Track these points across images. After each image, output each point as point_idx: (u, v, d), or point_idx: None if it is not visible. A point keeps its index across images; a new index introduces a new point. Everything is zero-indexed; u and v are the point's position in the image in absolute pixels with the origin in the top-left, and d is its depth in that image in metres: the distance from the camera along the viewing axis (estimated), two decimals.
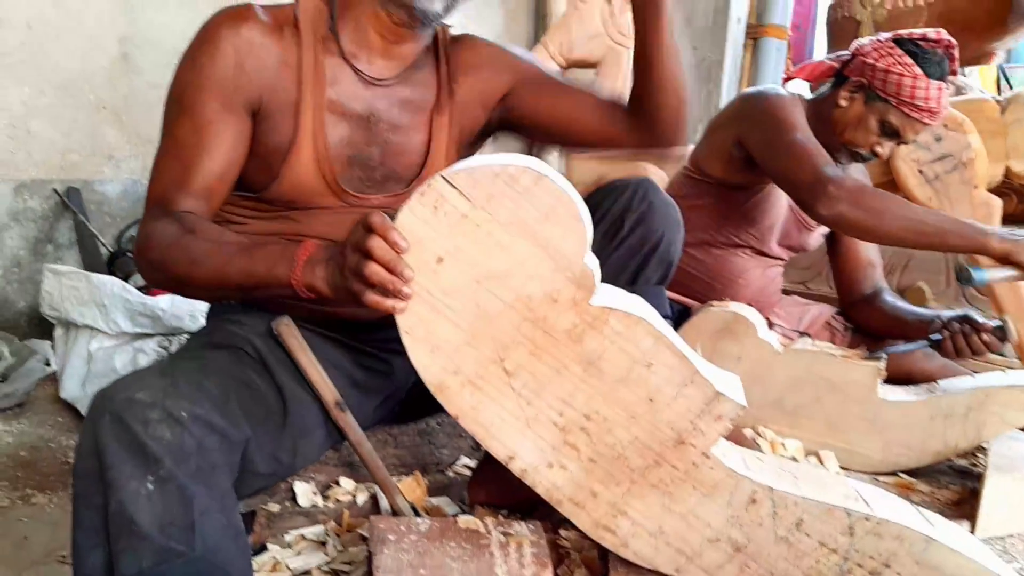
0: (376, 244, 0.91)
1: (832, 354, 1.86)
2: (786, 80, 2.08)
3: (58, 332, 2.01)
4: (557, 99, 1.36)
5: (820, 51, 5.71)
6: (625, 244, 1.33)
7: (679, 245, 1.38)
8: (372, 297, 0.92)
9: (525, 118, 1.39)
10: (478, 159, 0.96)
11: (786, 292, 2.26)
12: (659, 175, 2.76)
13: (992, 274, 1.76)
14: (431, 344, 0.97)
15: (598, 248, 1.33)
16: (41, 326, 2.12)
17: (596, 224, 1.33)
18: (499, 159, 0.95)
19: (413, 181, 1.29)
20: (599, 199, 1.35)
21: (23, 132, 2.18)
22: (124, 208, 2.43)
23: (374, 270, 0.91)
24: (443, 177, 0.92)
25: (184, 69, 1.17)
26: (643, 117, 1.33)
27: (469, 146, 1.40)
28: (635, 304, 1.03)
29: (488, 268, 0.95)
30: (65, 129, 2.27)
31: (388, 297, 0.92)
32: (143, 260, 1.11)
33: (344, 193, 1.23)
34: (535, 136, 1.44)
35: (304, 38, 1.20)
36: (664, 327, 1.02)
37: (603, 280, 1.33)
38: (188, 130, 1.14)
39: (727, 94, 4.11)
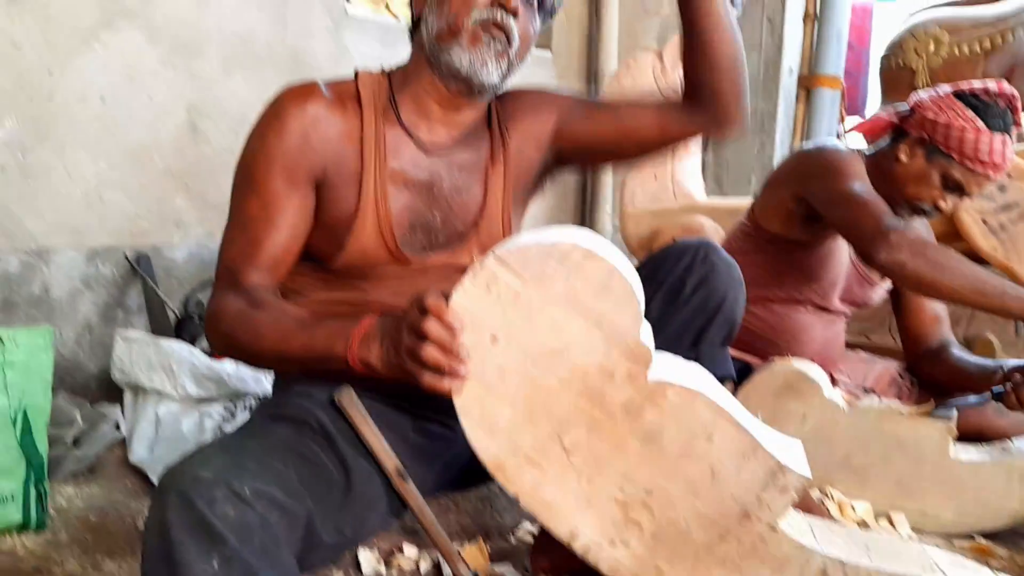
0: (431, 326, 0.93)
1: (900, 412, 1.83)
2: (845, 135, 2.07)
3: (127, 397, 2.06)
4: (607, 116, 1.39)
5: (874, 98, 5.66)
6: (688, 306, 1.33)
7: (741, 305, 1.38)
8: (428, 379, 0.94)
9: (580, 145, 1.41)
10: (528, 235, 0.98)
11: (849, 345, 2.23)
12: (714, 228, 2.75)
13: None
14: (488, 424, 0.98)
15: (660, 310, 1.34)
16: (111, 390, 2.18)
17: (658, 286, 1.34)
18: (549, 235, 0.97)
19: (470, 235, 1.32)
20: (660, 261, 1.37)
21: (96, 201, 2.28)
22: (191, 272, 2.50)
23: (430, 352, 0.93)
24: (495, 256, 0.94)
25: (252, 145, 1.22)
26: (700, 103, 1.34)
27: (527, 191, 1.43)
28: (693, 375, 1.03)
29: (543, 346, 0.96)
30: (135, 197, 2.36)
31: (444, 378, 0.94)
32: (212, 333, 1.17)
33: (406, 260, 1.26)
34: (595, 159, 1.48)
35: (365, 111, 1.25)
36: (724, 397, 1.01)
37: (666, 343, 1.34)
38: (255, 205, 1.20)
39: (780, 145, 4.09)
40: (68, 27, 2.17)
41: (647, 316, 1.34)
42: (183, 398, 1.97)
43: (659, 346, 1.35)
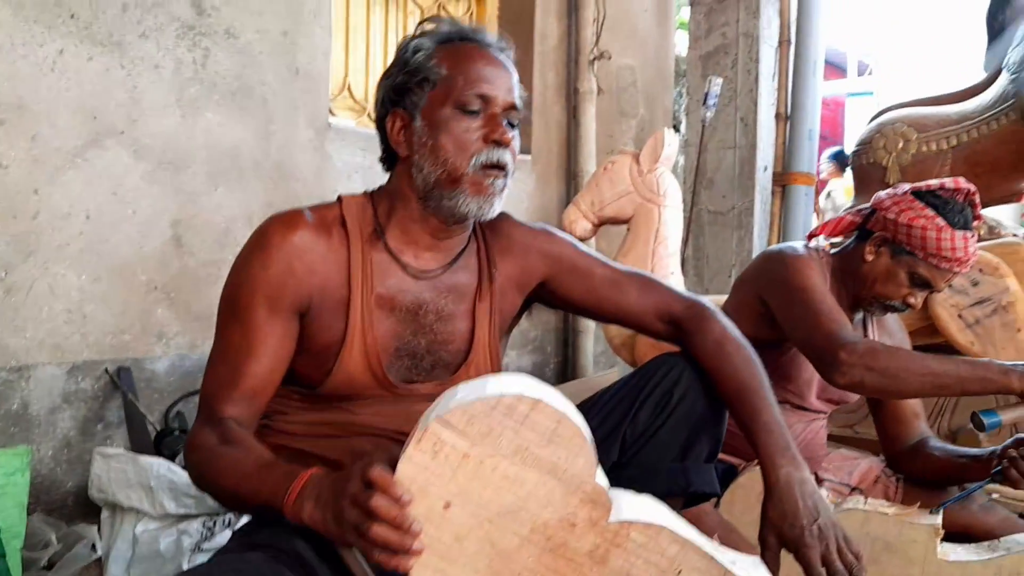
0: (379, 503, 0.89)
1: (885, 512, 1.81)
2: (810, 236, 2.10)
3: (104, 515, 2.03)
4: (596, 285, 1.42)
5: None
6: (672, 419, 1.35)
7: (725, 421, 1.40)
8: (379, 557, 0.90)
9: (561, 301, 1.46)
10: (466, 388, 0.96)
11: (833, 438, 2.21)
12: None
13: (1008, 414, 1.72)
14: None
15: (647, 423, 1.35)
16: (87, 507, 2.14)
17: (646, 398, 1.36)
18: (489, 387, 0.94)
19: (459, 368, 1.33)
20: (647, 374, 1.39)
21: (79, 316, 2.28)
22: (172, 383, 2.49)
23: (379, 532, 0.89)
24: (437, 418, 0.91)
25: (236, 274, 1.24)
26: (685, 343, 1.40)
27: (507, 329, 1.45)
28: (650, 509, 1.01)
29: (499, 504, 0.93)
30: (118, 311, 2.37)
31: (396, 555, 0.90)
32: (188, 463, 1.18)
33: (392, 385, 1.27)
34: (570, 311, 1.50)
35: (352, 237, 1.27)
36: (685, 528, 1.00)
37: (654, 454, 1.34)
38: (237, 334, 1.21)
39: (759, 238, 4.17)
40: (54, 147, 2.22)
41: (635, 426, 1.36)
42: (161, 516, 1.94)
43: (647, 458, 1.36)
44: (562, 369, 3.96)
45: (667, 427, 1.35)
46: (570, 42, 3.91)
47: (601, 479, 0.98)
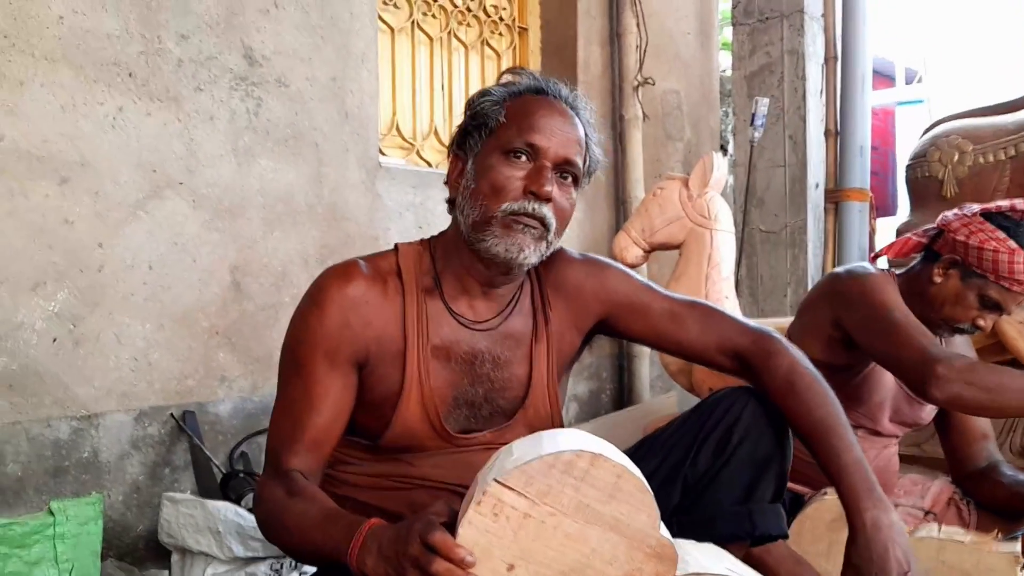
0: (439, 568, 0.89)
1: (961, 541, 1.76)
2: (874, 258, 2.07)
3: (175, 559, 2.07)
4: (655, 327, 1.40)
5: (903, 197, 5.69)
6: (735, 459, 1.33)
7: (790, 458, 1.37)
8: None
9: (621, 335, 1.45)
10: (524, 445, 0.95)
11: (901, 457, 2.16)
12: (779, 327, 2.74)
13: None
14: None
15: (708, 464, 1.33)
16: (158, 550, 2.19)
17: (705, 439, 1.34)
18: (547, 444, 0.93)
19: (517, 412, 1.33)
20: (706, 412, 1.37)
21: (144, 364, 2.34)
22: (235, 426, 2.53)
23: None
24: (496, 480, 0.91)
25: (294, 329, 1.27)
26: (753, 380, 1.38)
27: (568, 366, 1.44)
28: (717, 560, 1.00)
29: (563, 564, 0.92)
30: (182, 357, 2.42)
31: None
32: (257, 517, 1.21)
33: (450, 436, 1.28)
34: (633, 341, 1.48)
35: (407, 287, 1.28)
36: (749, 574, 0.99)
37: (715, 497, 1.32)
38: (298, 388, 1.24)
39: (813, 256, 4.11)
40: (116, 201, 2.29)
41: (696, 467, 1.34)
42: (230, 559, 1.97)
43: (708, 501, 1.34)
44: (618, 395, 3.94)
45: (729, 468, 1.33)
46: (614, 70, 3.92)
47: (664, 532, 0.96)
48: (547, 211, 1.23)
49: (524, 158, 1.24)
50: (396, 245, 1.34)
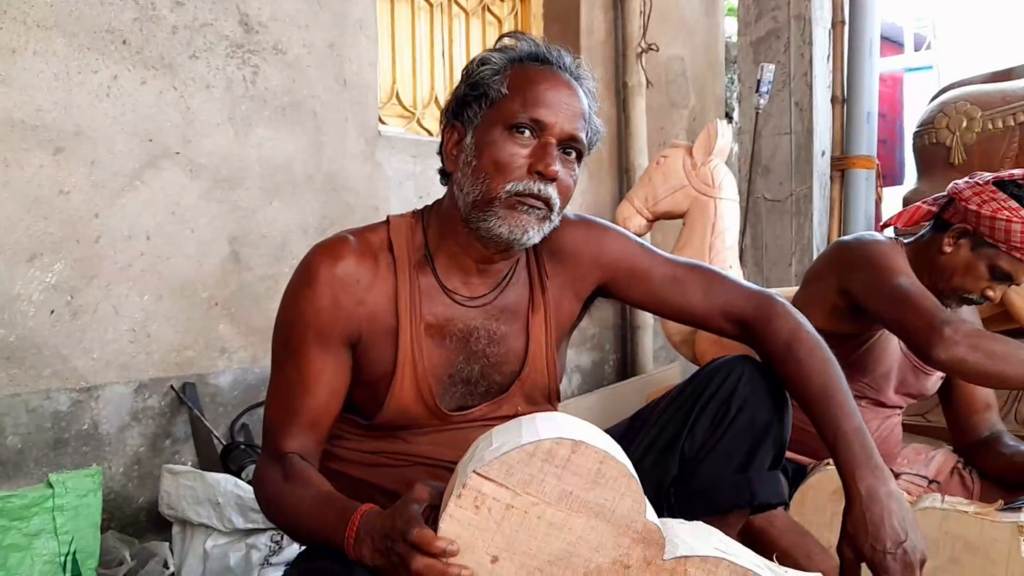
0: (420, 564, 0.90)
1: (965, 511, 1.75)
2: (882, 227, 2.04)
3: (175, 530, 2.07)
4: (656, 292, 1.37)
5: (910, 165, 5.64)
6: (733, 428, 1.30)
7: (789, 425, 1.35)
8: None
9: (621, 301, 1.41)
10: (503, 433, 0.94)
11: (904, 427, 2.16)
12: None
13: None
14: None
15: (707, 433, 1.31)
16: (160, 523, 2.19)
17: (703, 408, 1.32)
18: (527, 431, 0.91)
19: (512, 384, 1.30)
20: (703, 381, 1.34)
21: (143, 336, 2.33)
22: (236, 397, 2.53)
23: None
24: (476, 472, 0.89)
25: (285, 310, 1.24)
26: (756, 345, 1.36)
27: (567, 333, 1.41)
28: (708, 541, 0.98)
29: (548, 553, 0.91)
30: (181, 328, 2.41)
31: None
32: (257, 498, 1.21)
33: (445, 415, 1.25)
34: (633, 306, 1.46)
35: (399, 263, 1.24)
36: (746, 556, 0.97)
37: (714, 466, 1.30)
38: (292, 370, 1.21)
39: (819, 225, 4.07)
40: (112, 171, 2.26)
41: (693, 438, 1.32)
42: (230, 531, 1.96)
43: (707, 471, 1.32)
44: (621, 366, 3.92)
45: (727, 438, 1.30)
46: (617, 36, 3.86)
47: (651, 516, 0.95)
48: (552, 191, 1.19)
49: (528, 134, 1.19)
50: (388, 218, 1.30)
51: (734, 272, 2.95)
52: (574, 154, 1.24)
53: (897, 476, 2.01)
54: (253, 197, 2.56)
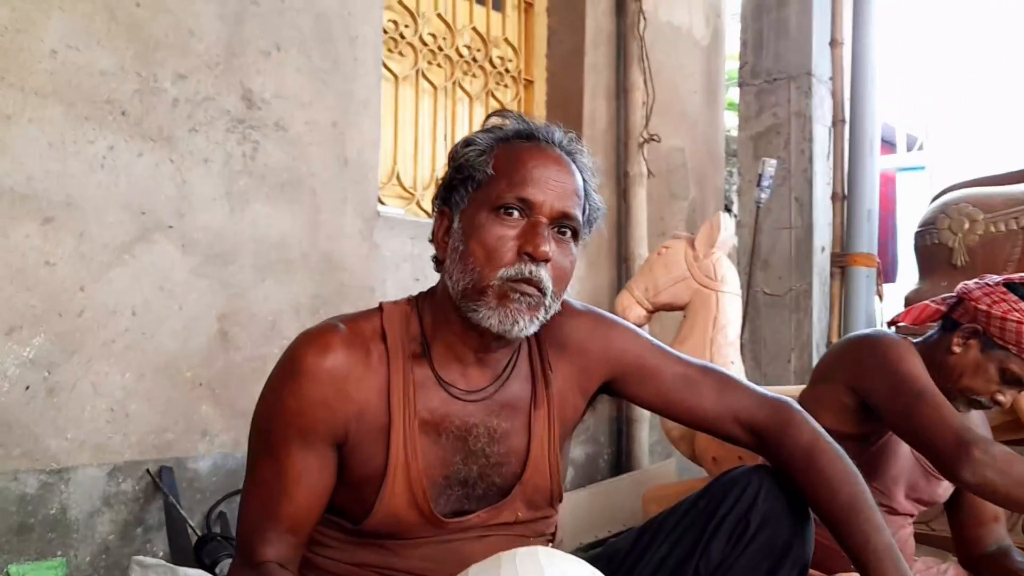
0: None
1: None
2: (891, 324, 1.99)
3: None
4: (667, 393, 1.30)
5: (904, 261, 5.64)
6: (752, 546, 1.22)
7: (812, 544, 1.26)
8: None
9: (628, 399, 1.34)
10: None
11: None
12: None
13: None
14: None
15: (724, 553, 1.22)
16: None
17: (719, 525, 1.23)
18: (505, 570, 0.86)
19: (513, 488, 1.21)
20: (719, 495, 1.26)
21: (121, 416, 2.22)
22: (215, 483, 2.41)
23: None
24: None
25: (267, 403, 1.14)
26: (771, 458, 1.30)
27: (570, 431, 1.32)
28: None
29: None
30: (161, 408, 2.30)
31: None
32: None
33: (440, 522, 1.15)
34: (639, 405, 1.37)
35: (392, 354, 1.15)
36: None
37: None
38: (270, 470, 1.12)
39: (818, 321, 4.03)
40: (102, 243, 2.19)
41: (708, 557, 1.22)
42: None
43: None
44: (616, 460, 3.81)
45: (745, 558, 1.22)
46: (619, 125, 3.87)
47: None
48: (544, 274, 1.12)
49: (517, 214, 1.12)
50: (381, 305, 1.21)
51: (736, 368, 2.88)
52: (569, 233, 1.17)
53: None
54: (245, 275, 2.48)
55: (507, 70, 3.65)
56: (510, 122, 1.20)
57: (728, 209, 5.07)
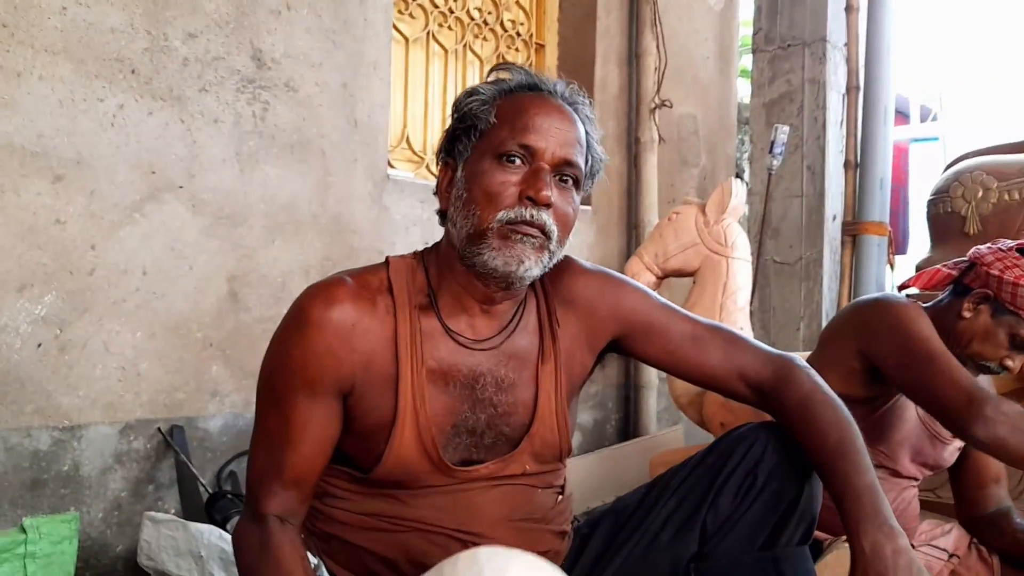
0: None
1: None
2: (901, 288, 1.99)
3: None
4: (675, 351, 1.29)
5: (916, 237, 5.60)
6: (759, 501, 1.22)
7: (819, 498, 1.26)
8: None
9: (636, 357, 1.33)
10: None
11: None
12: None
13: None
14: None
15: (731, 507, 1.22)
16: (137, 573, 2.07)
17: (726, 480, 1.23)
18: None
19: (521, 440, 1.21)
20: (726, 451, 1.26)
21: (133, 375, 2.23)
22: (225, 442, 2.42)
23: None
24: None
25: (273, 355, 1.15)
26: (771, 410, 1.29)
27: (578, 387, 1.32)
28: None
29: None
30: (172, 368, 2.31)
31: None
32: (235, 558, 1.13)
33: (449, 469, 1.16)
34: (647, 363, 1.37)
35: (399, 306, 1.16)
36: None
37: (739, 543, 1.21)
38: (276, 421, 1.13)
39: (828, 290, 4.01)
40: (112, 202, 2.19)
41: (716, 512, 1.23)
42: None
43: (730, 548, 1.24)
44: (623, 426, 3.82)
45: (753, 512, 1.22)
46: (631, 91, 3.84)
47: None
48: (547, 217, 1.12)
49: (519, 161, 1.13)
50: (387, 258, 1.22)
51: (745, 334, 2.88)
52: (571, 181, 1.17)
53: (915, 549, 1.93)
54: (255, 236, 2.48)
55: (518, 34, 3.61)
56: (514, 75, 1.21)
57: (740, 177, 5.03)
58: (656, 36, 3.77)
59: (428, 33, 3.23)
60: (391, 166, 3.00)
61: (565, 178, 1.16)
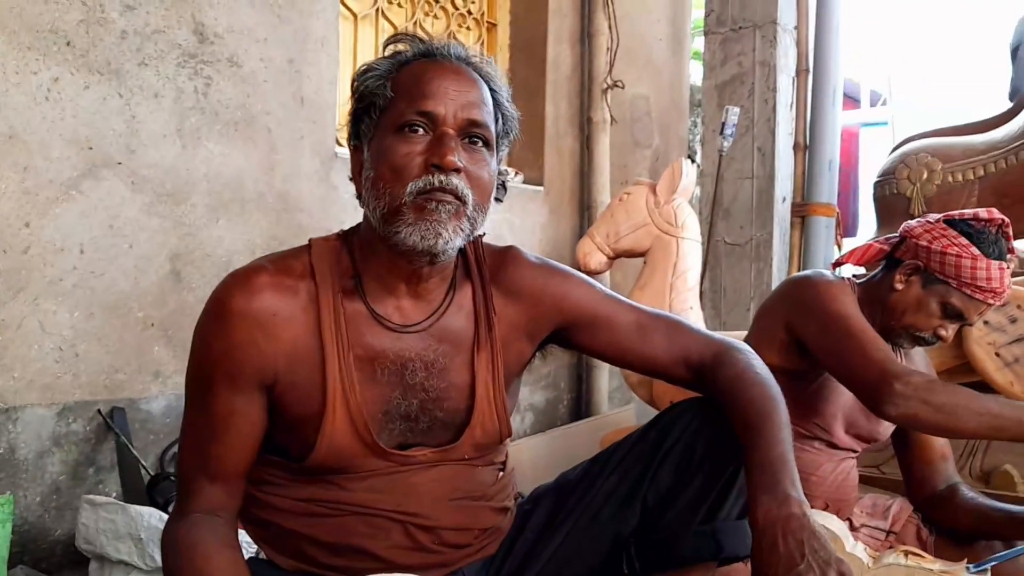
0: None
1: (930, 569, 1.68)
2: (835, 265, 2.02)
3: (93, 567, 1.91)
4: (619, 341, 1.28)
5: (865, 220, 5.71)
6: (699, 476, 1.22)
7: None
8: None
9: (579, 349, 1.33)
10: None
11: (860, 478, 2.10)
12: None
13: None
14: None
15: (672, 481, 1.22)
16: (75, 557, 2.03)
17: (666, 454, 1.24)
18: None
19: (464, 430, 1.19)
20: (666, 427, 1.26)
21: (71, 355, 2.18)
22: (168, 424, 2.38)
23: None
24: None
25: (195, 347, 1.12)
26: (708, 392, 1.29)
27: (518, 374, 1.31)
28: None
29: None
30: (113, 349, 2.26)
31: None
32: (161, 559, 1.12)
33: (386, 453, 1.14)
34: (592, 355, 1.36)
35: (321, 290, 1.12)
36: None
37: (680, 516, 1.21)
38: (200, 415, 1.12)
39: (778, 271, 4.06)
40: (47, 178, 2.13)
41: (656, 486, 1.23)
42: (152, 570, 1.82)
43: (671, 522, 1.24)
44: (575, 406, 3.84)
45: (693, 486, 1.22)
46: (583, 71, 3.83)
47: None
48: (458, 181, 1.07)
49: (421, 131, 1.09)
50: (310, 241, 1.18)
51: (695, 313, 2.89)
52: (480, 142, 1.13)
53: (856, 529, 1.95)
54: (198, 214, 2.43)
55: (469, 12, 3.58)
56: (408, 45, 1.16)
57: (691, 158, 5.07)
58: (608, 16, 3.76)
59: (378, 10, 3.19)
60: (340, 144, 2.95)
61: (474, 140, 1.12)
